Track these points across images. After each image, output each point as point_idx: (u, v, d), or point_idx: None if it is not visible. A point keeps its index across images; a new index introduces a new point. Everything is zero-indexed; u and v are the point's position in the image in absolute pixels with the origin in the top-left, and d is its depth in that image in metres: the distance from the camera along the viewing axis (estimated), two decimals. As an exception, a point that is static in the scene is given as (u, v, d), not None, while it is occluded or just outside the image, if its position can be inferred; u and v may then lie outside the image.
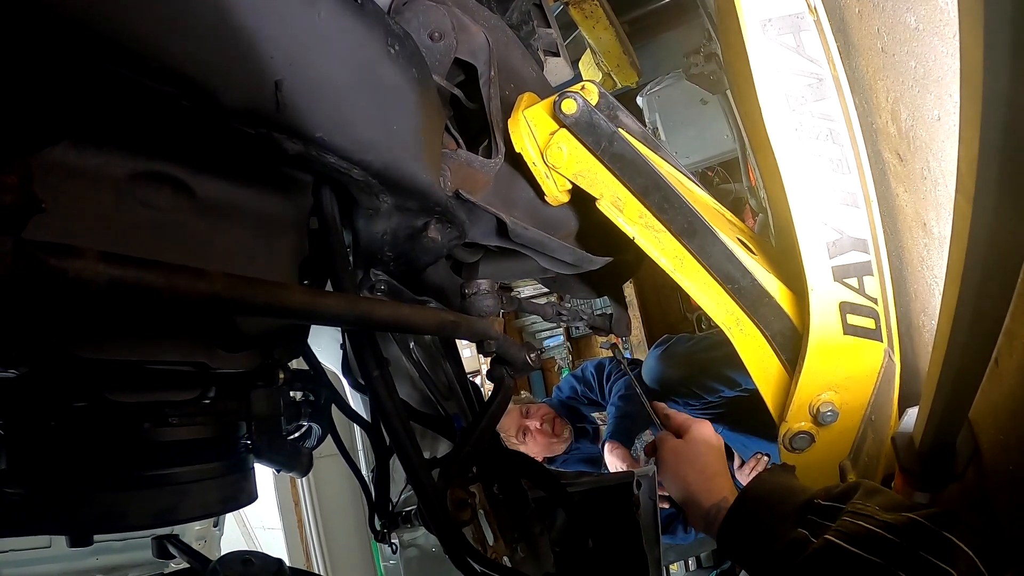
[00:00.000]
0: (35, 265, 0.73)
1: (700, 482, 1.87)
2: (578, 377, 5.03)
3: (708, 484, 1.85)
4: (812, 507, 1.44)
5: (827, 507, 1.41)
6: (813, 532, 1.38)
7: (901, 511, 1.27)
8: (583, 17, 5.67)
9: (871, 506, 1.31)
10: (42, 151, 1.02)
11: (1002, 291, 0.83)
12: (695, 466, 1.91)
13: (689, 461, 1.93)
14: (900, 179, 1.91)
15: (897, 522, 1.24)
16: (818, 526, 1.39)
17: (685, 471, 1.91)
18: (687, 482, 1.89)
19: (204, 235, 1.26)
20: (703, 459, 1.93)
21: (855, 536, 1.26)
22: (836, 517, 1.35)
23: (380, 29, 1.35)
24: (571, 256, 2.00)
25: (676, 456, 1.96)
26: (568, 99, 1.75)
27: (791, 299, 1.89)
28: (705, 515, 1.79)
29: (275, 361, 1.49)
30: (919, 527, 1.21)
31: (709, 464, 1.92)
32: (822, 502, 1.44)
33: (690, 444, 1.97)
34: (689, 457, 1.94)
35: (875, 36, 1.84)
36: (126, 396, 1.24)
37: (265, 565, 1.60)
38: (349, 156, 1.27)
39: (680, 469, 1.93)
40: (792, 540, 1.39)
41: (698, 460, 1.93)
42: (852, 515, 1.31)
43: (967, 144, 0.72)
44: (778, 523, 1.48)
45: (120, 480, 1.25)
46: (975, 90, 0.67)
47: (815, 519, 1.41)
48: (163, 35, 0.95)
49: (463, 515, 1.51)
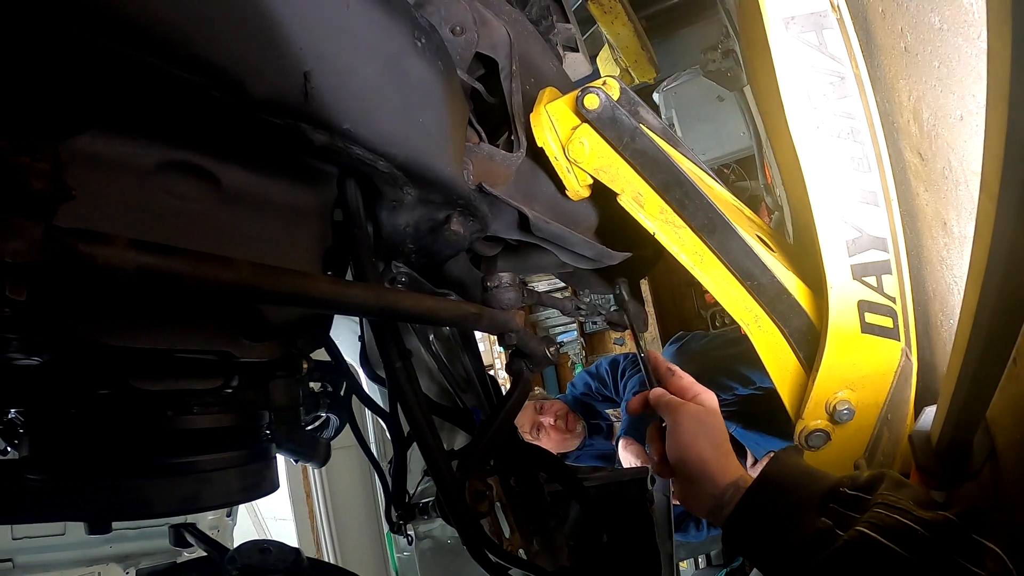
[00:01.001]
0: (66, 251, 0.74)
1: (717, 458, 1.64)
2: (592, 374, 5.02)
3: (724, 461, 1.64)
4: (837, 496, 1.37)
5: (853, 496, 1.34)
6: (839, 523, 1.31)
7: (934, 508, 1.24)
8: (602, 12, 5.67)
9: (904, 500, 1.27)
10: (70, 139, 1.03)
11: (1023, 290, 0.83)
12: (713, 437, 1.68)
13: (708, 432, 1.68)
14: (921, 178, 1.91)
15: (934, 520, 1.20)
16: (844, 517, 1.32)
17: (703, 443, 1.66)
18: (703, 456, 1.64)
19: (229, 225, 1.27)
20: (721, 434, 1.70)
21: (891, 530, 1.22)
22: (862, 508, 1.30)
23: (407, 22, 1.35)
24: (591, 251, 2.00)
25: (696, 423, 1.69)
26: (590, 94, 1.75)
27: (809, 296, 1.90)
28: (719, 495, 1.59)
29: (298, 351, 1.50)
30: (953, 527, 1.18)
31: (726, 440, 1.69)
32: (848, 491, 1.36)
33: (711, 415, 1.71)
34: (709, 427, 1.69)
35: (898, 35, 1.84)
36: (150, 384, 1.25)
37: (282, 555, 1.62)
38: (375, 148, 1.27)
39: (699, 439, 1.67)
40: (818, 530, 1.33)
41: (717, 434, 1.69)
42: (886, 507, 1.26)
43: (992, 144, 0.72)
44: (799, 511, 1.40)
45: (143, 468, 1.27)
46: (1002, 90, 0.67)
47: (839, 509, 1.34)
48: (193, 25, 0.96)
49: (481, 507, 1.52)
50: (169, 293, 0.85)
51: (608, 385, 4.85)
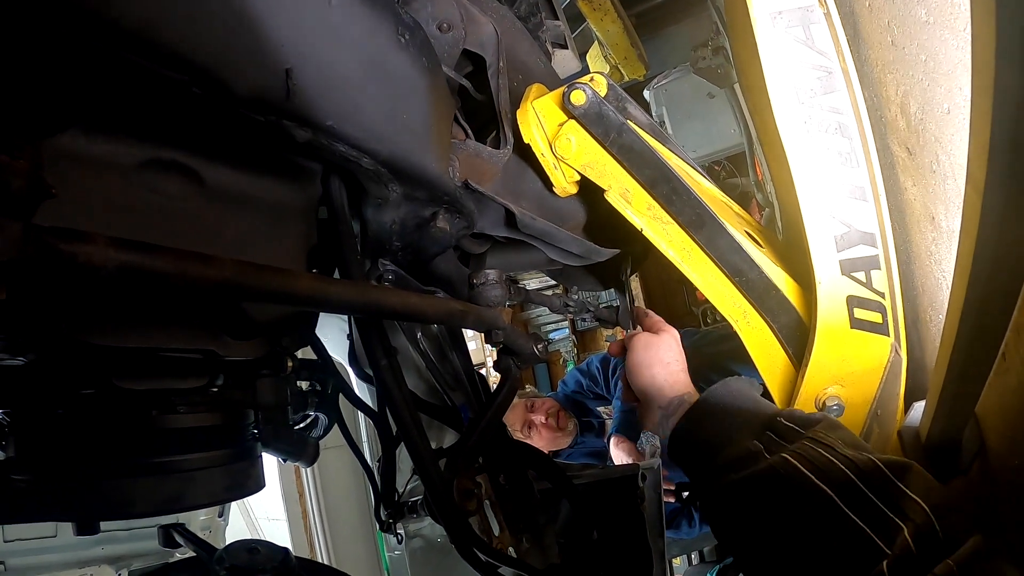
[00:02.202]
0: (45, 250, 0.73)
1: (665, 375, 1.89)
2: (583, 371, 5.01)
3: (673, 377, 1.88)
4: (774, 424, 1.44)
5: (788, 428, 1.41)
6: (768, 448, 1.38)
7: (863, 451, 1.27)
8: (591, 9, 5.67)
9: (835, 438, 1.31)
10: (52, 138, 1.03)
11: (1011, 284, 0.83)
12: (663, 358, 1.93)
13: (658, 353, 1.95)
14: (909, 173, 1.91)
15: (859, 461, 1.23)
16: (775, 444, 1.38)
17: (652, 361, 1.93)
18: (652, 372, 1.90)
19: (213, 223, 1.26)
20: (672, 354, 1.96)
21: (814, 462, 1.26)
22: (794, 440, 1.36)
23: (391, 18, 1.35)
24: (579, 247, 1.99)
25: (646, 347, 1.97)
26: (577, 90, 1.75)
27: (798, 292, 1.89)
28: (665, 406, 1.79)
29: (283, 349, 1.50)
30: (877, 471, 1.21)
31: (677, 360, 1.95)
32: (785, 422, 1.43)
33: (662, 339, 1.99)
34: (659, 349, 1.96)
35: (885, 29, 1.84)
36: (134, 383, 1.24)
37: (271, 554, 1.61)
38: (359, 145, 1.27)
39: (647, 358, 1.94)
40: (747, 450, 1.40)
41: (667, 353, 1.95)
42: (814, 442, 1.32)
43: (978, 135, 0.72)
44: (736, 430, 1.49)
45: (127, 467, 1.26)
46: (986, 81, 0.67)
47: (773, 437, 1.41)
48: (174, 22, 0.95)
49: (469, 505, 1.52)
50: (151, 291, 0.84)
51: (599, 382, 4.85)
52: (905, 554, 1.08)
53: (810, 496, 1.23)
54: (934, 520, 1.10)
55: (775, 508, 1.30)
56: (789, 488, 1.27)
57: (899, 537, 1.11)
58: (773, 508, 1.31)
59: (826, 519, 1.20)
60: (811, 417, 1.45)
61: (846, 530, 1.17)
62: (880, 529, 1.14)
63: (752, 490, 1.36)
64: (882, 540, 1.13)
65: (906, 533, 1.10)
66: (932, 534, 1.09)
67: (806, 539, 1.23)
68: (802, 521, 1.24)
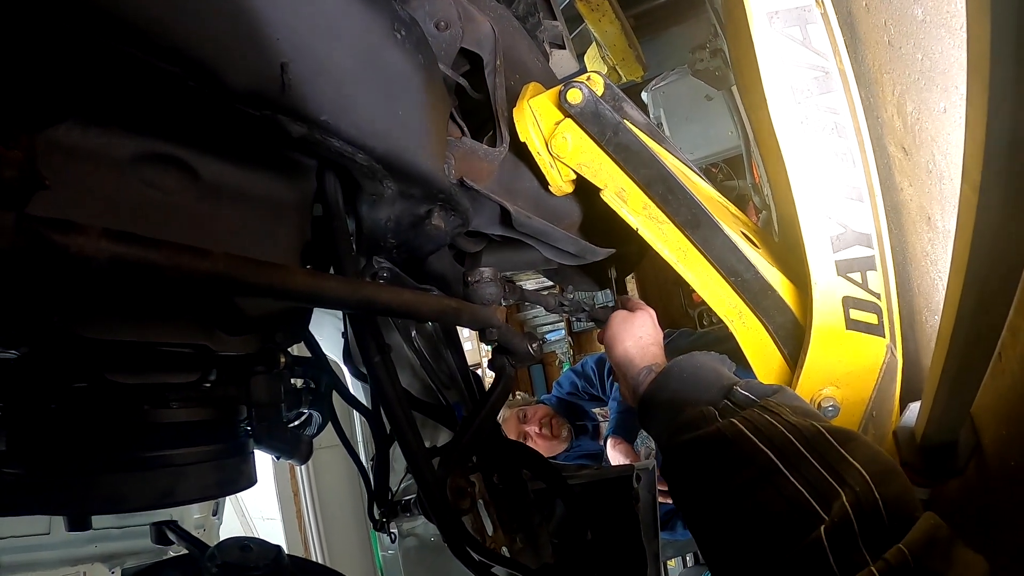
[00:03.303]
0: (37, 240, 0.73)
1: (637, 348, 2.02)
2: (578, 372, 5.01)
3: (645, 350, 2.00)
4: (731, 393, 1.51)
5: (744, 396, 1.48)
6: (722, 413, 1.45)
7: (812, 419, 1.31)
8: (589, 10, 5.66)
9: (783, 406, 1.37)
10: (47, 130, 1.02)
11: (1006, 285, 0.82)
12: (635, 333, 2.07)
13: (631, 328, 2.08)
14: (905, 173, 1.91)
15: (801, 427, 1.28)
16: (729, 410, 1.45)
17: (625, 335, 2.07)
18: (625, 345, 2.04)
19: (207, 217, 1.26)
20: (645, 330, 2.09)
21: (758, 427, 1.32)
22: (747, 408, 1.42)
23: (387, 14, 1.35)
24: (574, 246, 2.00)
25: (621, 322, 2.12)
26: (574, 89, 1.75)
27: (794, 293, 1.89)
28: (636, 375, 1.90)
29: (276, 345, 1.49)
30: (820, 437, 1.24)
31: (649, 334, 2.08)
32: (741, 391, 1.50)
33: (636, 316, 2.14)
34: (632, 325, 2.09)
35: (882, 29, 1.84)
36: (127, 377, 1.23)
37: (263, 551, 1.60)
38: (353, 140, 1.27)
39: (622, 332, 2.08)
40: (700, 414, 1.47)
41: (640, 329, 2.08)
42: (762, 409, 1.38)
43: (974, 135, 0.72)
44: (695, 396, 1.57)
45: (119, 462, 1.25)
46: (982, 80, 0.66)
47: (729, 404, 1.48)
48: (169, 14, 0.95)
49: (463, 504, 1.52)
50: (143, 284, 0.84)
51: (595, 383, 4.85)
52: (843, 521, 1.09)
53: (751, 458, 1.28)
54: (873, 487, 1.11)
55: (718, 469, 1.36)
56: (732, 450, 1.33)
57: (836, 503, 1.13)
58: (716, 469, 1.36)
59: (765, 481, 1.24)
60: (768, 387, 1.50)
61: (784, 492, 1.20)
62: (818, 493, 1.17)
63: (698, 451, 1.42)
64: (820, 505, 1.15)
65: (844, 499, 1.12)
66: (871, 502, 1.10)
67: (745, 500, 1.27)
68: (742, 482, 1.29)
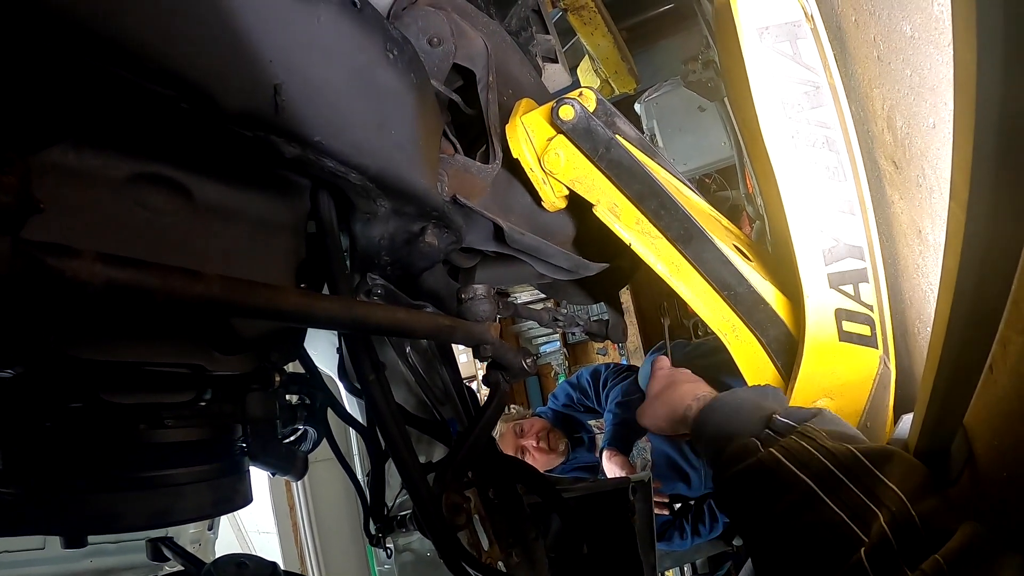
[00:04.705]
0: (33, 264, 0.73)
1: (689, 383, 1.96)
2: (573, 384, 4.99)
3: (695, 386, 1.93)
4: (771, 422, 1.51)
5: (783, 424, 1.48)
6: (764, 443, 1.44)
7: (847, 442, 1.32)
8: (581, 24, 5.67)
9: (820, 431, 1.38)
10: (41, 152, 1.02)
11: (996, 297, 0.83)
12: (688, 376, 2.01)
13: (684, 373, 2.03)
14: (896, 186, 1.92)
15: (837, 451, 1.29)
16: (771, 440, 1.45)
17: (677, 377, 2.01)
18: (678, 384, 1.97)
19: (201, 237, 1.26)
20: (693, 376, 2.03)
21: (795, 454, 1.33)
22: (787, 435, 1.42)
23: (379, 34, 1.35)
24: (568, 262, 2.00)
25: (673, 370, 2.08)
26: (566, 105, 1.75)
27: (787, 306, 1.90)
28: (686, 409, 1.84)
29: (271, 364, 1.49)
30: (855, 460, 1.25)
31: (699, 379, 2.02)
32: (780, 418, 1.50)
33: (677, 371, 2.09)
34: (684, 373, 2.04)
35: (871, 44, 1.85)
36: (122, 397, 1.24)
37: (259, 568, 1.60)
38: (347, 160, 1.27)
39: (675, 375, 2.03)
40: (744, 446, 1.47)
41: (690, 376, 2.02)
42: (799, 435, 1.38)
43: (961, 150, 0.72)
44: (740, 428, 1.56)
45: (115, 481, 1.26)
46: (968, 97, 0.67)
47: (771, 433, 1.48)
48: (163, 37, 0.95)
49: (458, 519, 1.52)
50: (139, 307, 0.84)
51: (590, 395, 4.84)
52: (882, 542, 1.10)
53: (791, 486, 1.29)
54: (909, 506, 1.13)
55: (762, 499, 1.37)
56: (773, 479, 1.34)
57: (875, 525, 1.14)
58: (760, 499, 1.38)
59: (805, 508, 1.26)
60: (806, 412, 1.50)
61: (824, 518, 1.22)
62: (856, 516, 1.18)
63: (744, 483, 1.43)
64: (859, 527, 1.16)
65: (882, 520, 1.13)
66: (908, 520, 1.11)
67: (789, 526, 1.29)
68: (785, 509, 1.30)
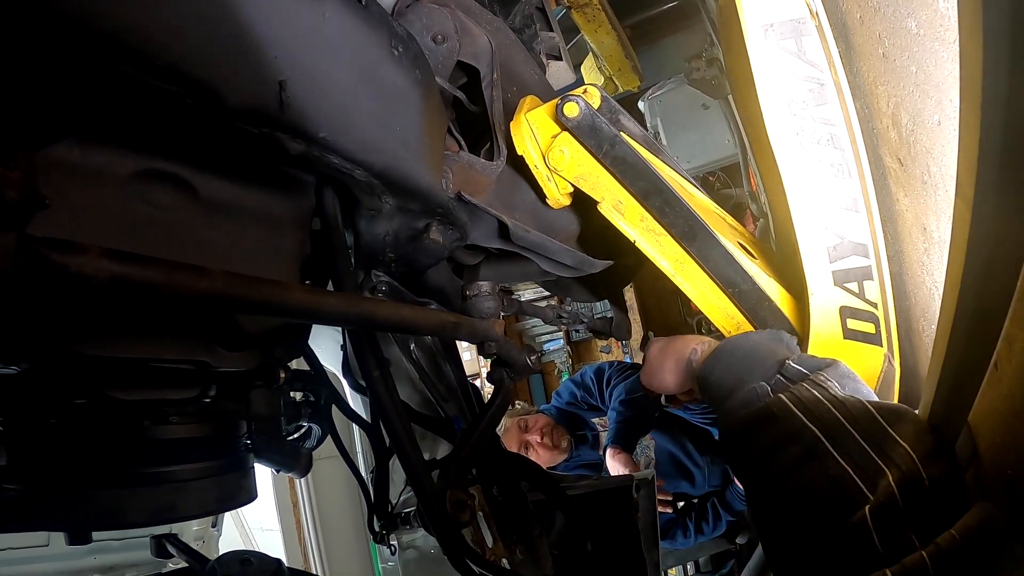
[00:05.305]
0: (38, 260, 0.73)
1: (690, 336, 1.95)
2: (577, 382, 5.00)
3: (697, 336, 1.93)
4: (784, 367, 1.50)
5: (796, 370, 1.47)
6: (774, 389, 1.45)
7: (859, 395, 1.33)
8: (585, 21, 5.66)
9: (832, 382, 1.37)
10: (46, 148, 1.02)
11: (1001, 295, 0.83)
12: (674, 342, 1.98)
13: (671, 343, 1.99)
14: (901, 184, 1.92)
15: (849, 403, 1.29)
16: (781, 385, 1.45)
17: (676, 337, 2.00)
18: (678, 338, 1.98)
19: (206, 234, 1.26)
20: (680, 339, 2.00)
21: (805, 402, 1.33)
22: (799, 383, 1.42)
23: (384, 30, 1.35)
24: (572, 259, 2.00)
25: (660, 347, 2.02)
26: (570, 102, 1.75)
27: (791, 303, 1.89)
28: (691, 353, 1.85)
29: (275, 360, 1.49)
30: (867, 414, 1.25)
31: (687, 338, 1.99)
32: (794, 364, 1.49)
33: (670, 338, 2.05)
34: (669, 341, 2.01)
35: (876, 41, 1.84)
36: (127, 394, 1.24)
37: (263, 565, 1.60)
38: (351, 156, 1.27)
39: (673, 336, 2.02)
40: (753, 390, 1.48)
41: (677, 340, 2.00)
42: (812, 383, 1.38)
43: (966, 148, 0.72)
44: (750, 372, 1.56)
45: (119, 478, 1.26)
46: (974, 95, 0.67)
47: (783, 379, 1.47)
48: (167, 34, 0.95)
49: (462, 516, 1.51)
50: (144, 302, 0.84)
51: (594, 393, 4.83)
52: (889, 501, 1.10)
53: (797, 435, 1.29)
54: (920, 466, 1.12)
55: (766, 448, 1.37)
56: (779, 427, 1.34)
57: (882, 482, 1.13)
58: (764, 448, 1.37)
59: (811, 459, 1.25)
60: (821, 361, 1.50)
61: (830, 471, 1.21)
62: (864, 472, 1.18)
63: (749, 429, 1.43)
64: (865, 483, 1.16)
65: (890, 478, 1.12)
66: (918, 481, 1.10)
67: (791, 478, 1.28)
68: (789, 460, 1.30)
